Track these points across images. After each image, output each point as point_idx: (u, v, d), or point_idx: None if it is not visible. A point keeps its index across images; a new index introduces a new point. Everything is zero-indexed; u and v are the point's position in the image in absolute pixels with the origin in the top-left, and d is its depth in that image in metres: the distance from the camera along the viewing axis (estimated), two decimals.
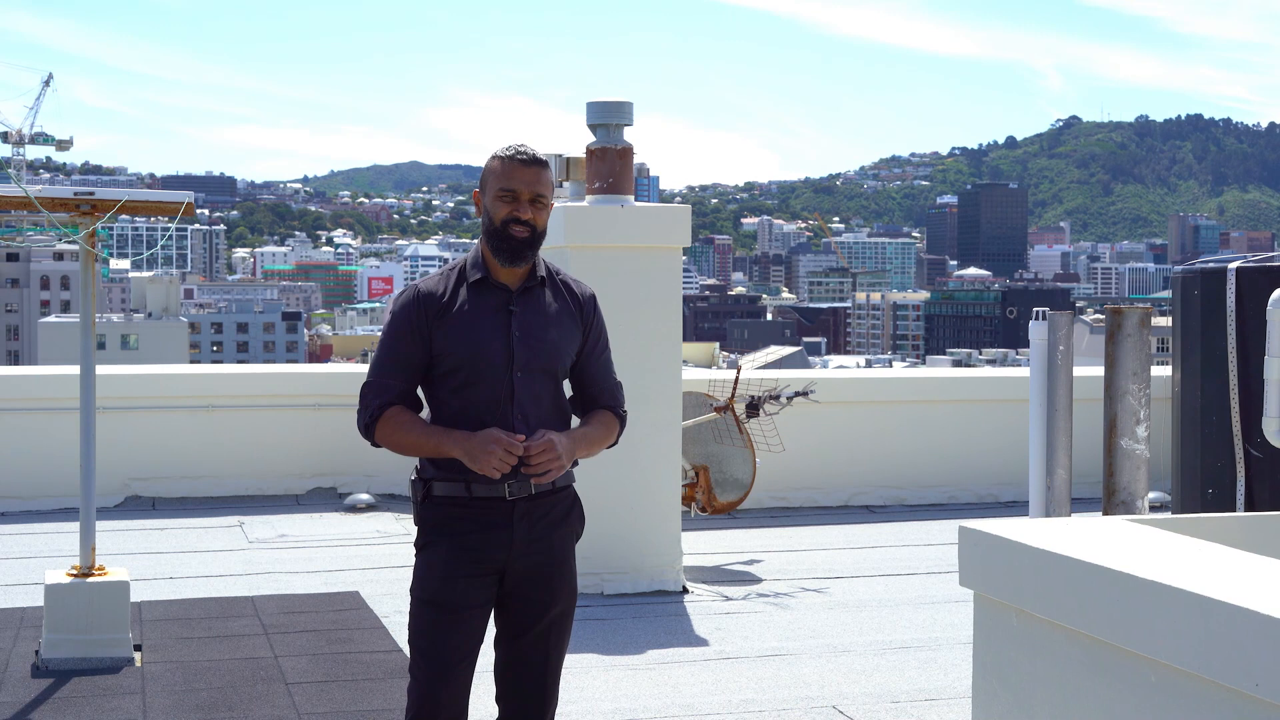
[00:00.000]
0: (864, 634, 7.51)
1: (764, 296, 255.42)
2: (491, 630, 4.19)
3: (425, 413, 4.13)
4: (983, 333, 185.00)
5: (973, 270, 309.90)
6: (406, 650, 4.52)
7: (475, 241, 4.26)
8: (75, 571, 6.90)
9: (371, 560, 9.21)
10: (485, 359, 4.01)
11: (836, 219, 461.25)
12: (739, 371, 9.65)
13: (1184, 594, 3.07)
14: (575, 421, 4.29)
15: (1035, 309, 5.62)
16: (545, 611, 4.11)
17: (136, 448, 11.30)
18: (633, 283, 8.35)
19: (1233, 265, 7.14)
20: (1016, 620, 3.74)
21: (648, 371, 8.35)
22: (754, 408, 9.43)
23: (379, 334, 4.22)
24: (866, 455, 11.61)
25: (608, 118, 8.49)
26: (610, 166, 8.46)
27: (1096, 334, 65.14)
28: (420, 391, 4.15)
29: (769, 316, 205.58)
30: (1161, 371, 10.45)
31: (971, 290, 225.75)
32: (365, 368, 4.21)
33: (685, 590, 8.40)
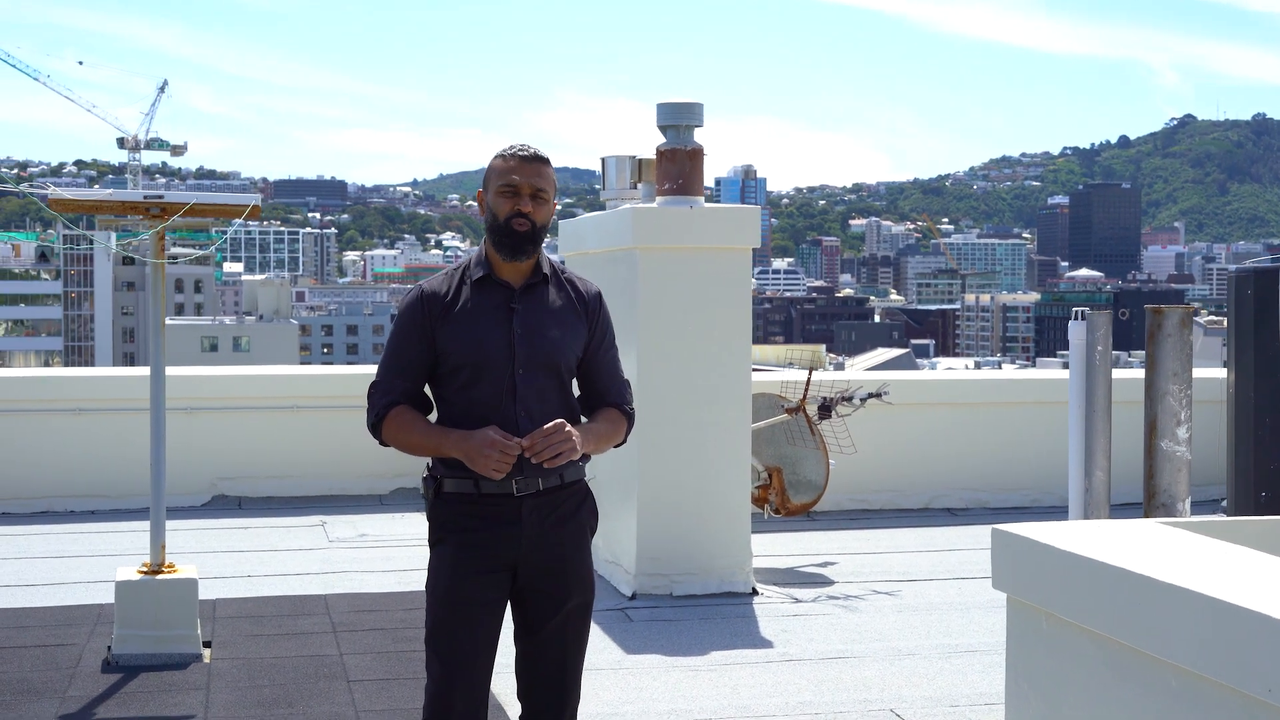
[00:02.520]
0: (931, 637, 7.45)
1: (872, 298, 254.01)
2: (510, 627, 4.21)
3: (434, 413, 4.16)
4: None
5: (1084, 271, 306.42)
6: None
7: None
8: (145, 569, 7.02)
9: None
10: (486, 356, 4.03)
11: (945, 220, 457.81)
12: (810, 373, 9.60)
13: (1199, 597, 3.03)
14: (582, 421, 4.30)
15: (1074, 309, 5.54)
16: (560, 606, 4.12)
17: (224, 448, 11.48)
18: (702, 284, 8.33)
19: None
20: (1046, 624, 3.70)
21: (717, 372, 8.34)
22: (826, 409, 9.38)
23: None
24: (948, 457, 11.50)
25: (678, 119, 8.49)
26: (680, 168, 8.45)
27: (1212, 336, 63.87)
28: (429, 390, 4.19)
29: (877, 318, 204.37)
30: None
31: (1083, 292, 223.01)
32: None
33: (754, 592, 8.37)
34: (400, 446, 4.12)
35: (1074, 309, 5.55)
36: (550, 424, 3.96)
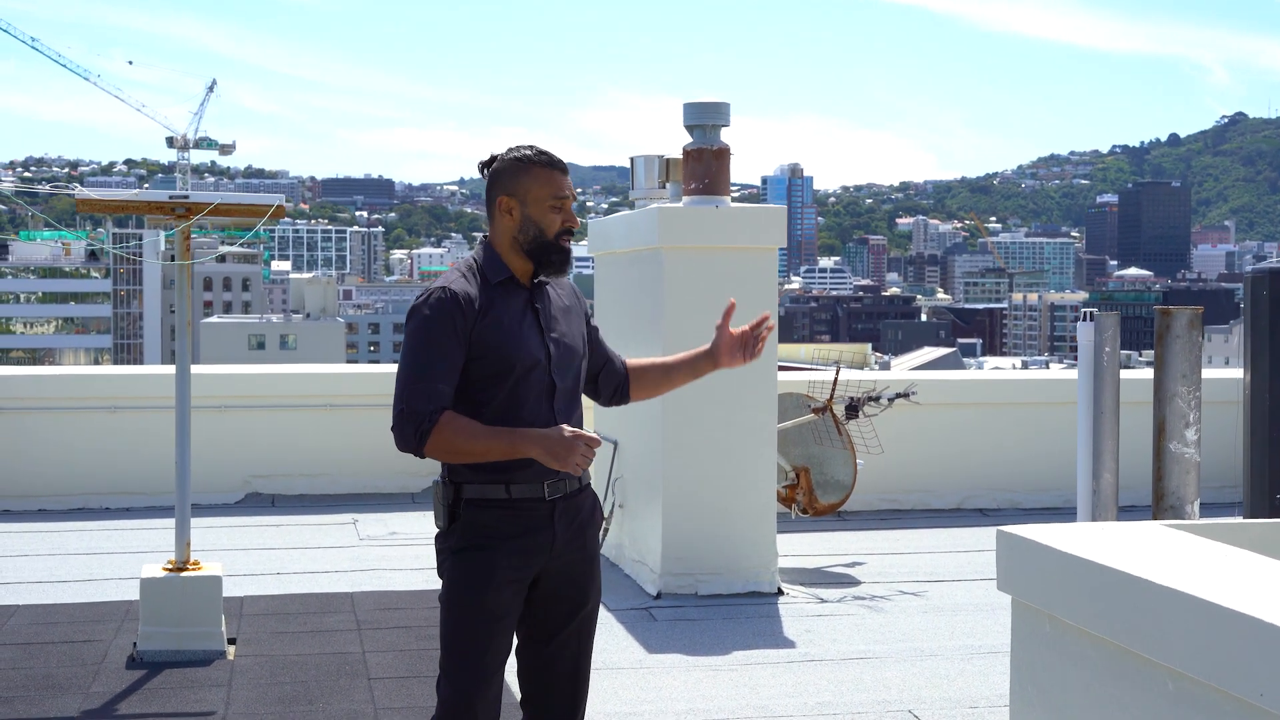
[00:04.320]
0: (955, 638, 7.43)
1: (919, 297, 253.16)
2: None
3: None
4: (1143, 334, 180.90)
5: (1133, 271, 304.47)
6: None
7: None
8: (170, 566, 7.08)
9: None
10: (529, 358, 3.99)
11: (993, 219, 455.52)
12: (838, 372, 9.58)
13: (1192, 600, 3.01)
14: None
15: (1083, 309, 5.50)
16: (576, 612, 4.11)
17: (257, 445, 11.55)
18: (728, 283, 8.32)
19: None
20: (1049, 626, 3.68)
21: (742, 372, 8.32)
22: (853, 409, 9.36)
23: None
24: (980, 457, 11.46)
25: (704, 118, 8.49)
26: (706, 167, 8.45)
27: None
28: None
29: (924, 317, 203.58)
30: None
31: (1132, 291, 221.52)
32: None
33: (780, 592, 8.36)
34: (453, 454, 3.93)
35: (1084, 310, 5.51)
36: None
